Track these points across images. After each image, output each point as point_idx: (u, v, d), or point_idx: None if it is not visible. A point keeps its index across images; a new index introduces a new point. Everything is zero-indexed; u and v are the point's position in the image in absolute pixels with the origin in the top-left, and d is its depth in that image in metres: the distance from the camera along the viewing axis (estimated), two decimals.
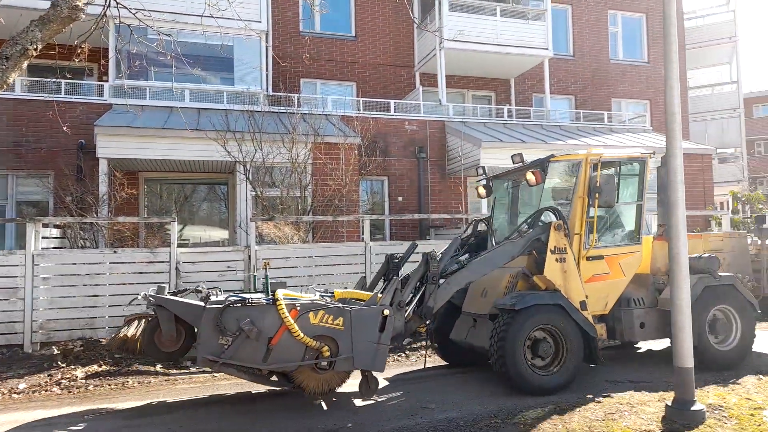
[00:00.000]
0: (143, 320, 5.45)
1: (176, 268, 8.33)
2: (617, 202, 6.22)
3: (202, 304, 4.94)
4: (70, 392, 6.18)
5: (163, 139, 11.13)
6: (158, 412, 5.31)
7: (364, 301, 5.41)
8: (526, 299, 5.55)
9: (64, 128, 8.50)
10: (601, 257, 6.16)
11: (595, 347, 5.80)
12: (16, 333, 7.64)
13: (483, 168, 7.27)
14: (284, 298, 4.83)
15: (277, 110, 12.46)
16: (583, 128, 16.64)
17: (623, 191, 6.46)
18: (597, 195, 5.94)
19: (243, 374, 4.79)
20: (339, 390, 5.40)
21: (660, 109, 19.20)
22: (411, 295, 5.51)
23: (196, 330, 4.93)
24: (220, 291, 5.67)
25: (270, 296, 4.90)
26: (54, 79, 11.59)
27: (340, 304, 5.05)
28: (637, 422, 4.61)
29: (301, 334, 4.69)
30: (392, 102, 15.22)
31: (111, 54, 12.25)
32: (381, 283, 6.36)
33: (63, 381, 6.53)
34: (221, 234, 14.36)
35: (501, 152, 13.20)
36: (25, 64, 2.63)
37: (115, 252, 8.30)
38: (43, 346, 7.81)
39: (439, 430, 4.60)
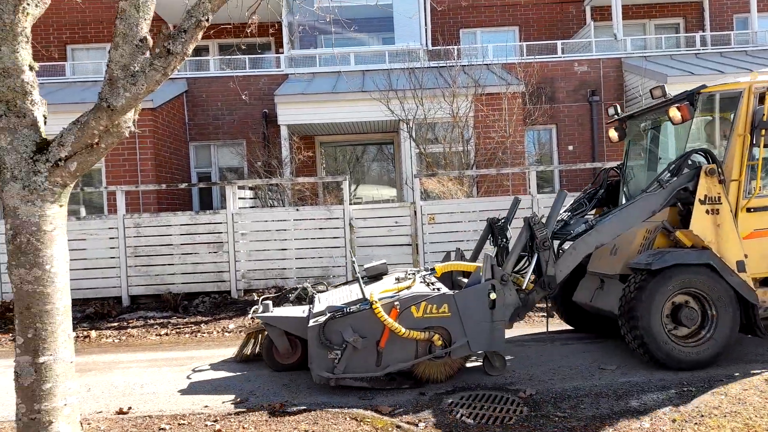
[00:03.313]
0: (260, 335, 5.56)
1: (350, 224, 8.93)
2: None
3: (304, 315, 4.98)
4: None
5: (332, 102, 11.82)
6: None
7: (470, 273, 5.08)
8: (665, 258, 4.74)
9: (243, 96, 9.47)
10: (766, 208, 5.10)
11: (755, 315, 4.84)
12: (224, 281, 8.95)
13: (615, 107, 6.22)
14: (382, 296, 4.66)
15: (436, 65, 12.37)
16: None
17: None
18: (764, 132, 4.86)
19: (361, 382, 4.61)
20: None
21: None
22: (520, 264, 5.09)
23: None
24: (326, 287, 5.51)
25: (364, 298, 4.68)
26: (237, 56, 12.94)
27: (442, 290, 4.77)
28: None
29: (406, 332, 4.50)
30: (559, 43, 14.10)
31: (284, 25, 13.24)
32: (490, 248, 5.89)
33: None
34: (390, 192, 14.97)
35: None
36: (199, 36, 2.92)
37: (297, 210, 9.17)
38: (246, 292, 9.04)
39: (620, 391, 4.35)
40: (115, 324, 7.89)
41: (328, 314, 4.59)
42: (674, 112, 5.04)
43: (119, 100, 2.86)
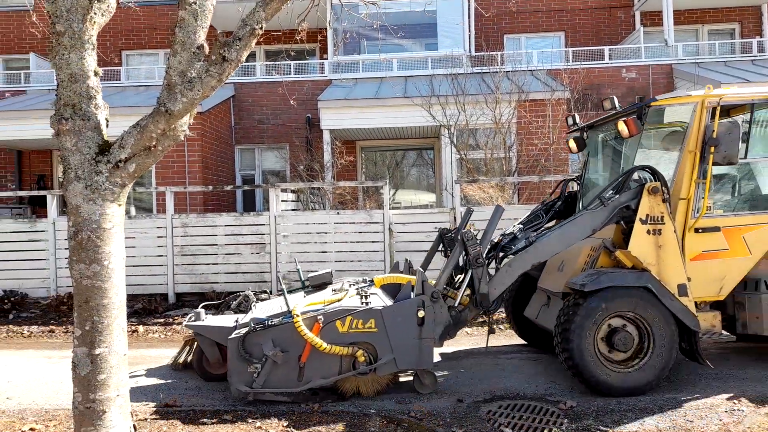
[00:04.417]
0: (195, 343, 5.37)
1: (389, 229, 8.97)
2: (745, 157, 4.79)
3: (231, 325, 4.81)
4: None
5: (375, 108, 11.91)
6: None
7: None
8: (600, 279, 4.55)
9: (292, 101, 9.65)
10: (716, 229, 4.84)
11: (696, 342, 4.59)
12: (265, 282, 9.12)
13: (573, 116, 5.95)
14: (306, 310, 4.58)
15: (479, 71, 12.30)
16: None
17: (759, 142, 4.97)
18: (713, 149, 4.62)
19: (283, 397, 4.51)
20: None
21: None
22: (451, 279, 4.97)
23: None
24: (268, 295, 5.14)
25: (288, 311, 4.57)
26: (282, 62, 13.23)
27: (371, 304, 4.61)
28: None
29: (328, 347, 4.41)
30: (606, 48, 13.82)
31: (328, 31, 13.45)
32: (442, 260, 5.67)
33: None
34: (429, 197, 14.95)
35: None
36: (253, 43, 3.02)
37: (338, 213, 9.28)
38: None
39: None
40: (161, 320, 8.16)
41: (250, 326, 4.50)
42: (621, 126, 4.87)
43: (177, 105, 2.99)
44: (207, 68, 3.00)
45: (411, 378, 4.85)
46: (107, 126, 3.21)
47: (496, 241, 5.27)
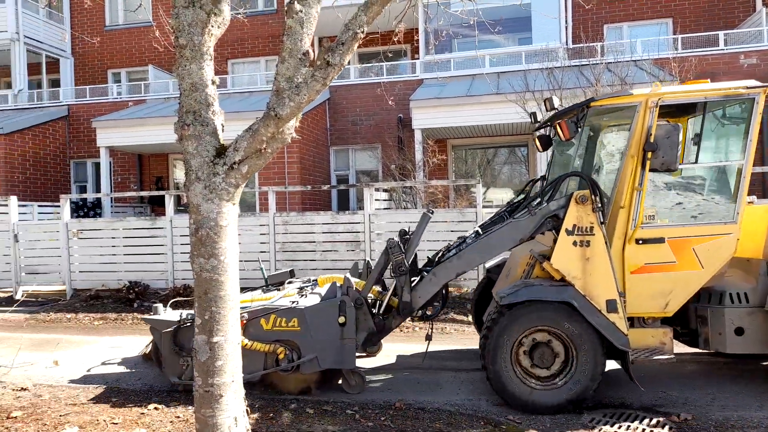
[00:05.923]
0: None
1: None
2: (696, 161, 4.48)
3: (176, 319, 4.89)
4: (402, 332, 7.30)
5: (466, 106, 11.81)
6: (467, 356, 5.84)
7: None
8: (519, 293, 4.34)
9: (390, 102, 9.78)
10: (661, 240, 4.41)
11: (626, 361, 4.23)
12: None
13: (534, 114, 5.60)
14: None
15: (578, 63, 11.78)
16: None
17: (715, 145, 4.49)
18: (651, 155, 4.23)
19: None
20: None
21: None
22: (375, 284, 5.03)
23: None
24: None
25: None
26: (375, 63, 13.48)
27: (298, 304, 4.69)
28: None
29: (249, 343, 4.52)
30: (721, 33, 12.70)
31: (421, 31, 13.51)
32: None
33: None
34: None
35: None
36: (355, 47, 3.13)
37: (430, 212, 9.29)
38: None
39: None
40: None
41: (180, 321, 4.73)
42: (558, 129, 4.53)
43: (285, 110, 3.16)
44: (312, 73, 3.14)
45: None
46: (223, 131, 3.46)
47: (449, 245, 5.36)
